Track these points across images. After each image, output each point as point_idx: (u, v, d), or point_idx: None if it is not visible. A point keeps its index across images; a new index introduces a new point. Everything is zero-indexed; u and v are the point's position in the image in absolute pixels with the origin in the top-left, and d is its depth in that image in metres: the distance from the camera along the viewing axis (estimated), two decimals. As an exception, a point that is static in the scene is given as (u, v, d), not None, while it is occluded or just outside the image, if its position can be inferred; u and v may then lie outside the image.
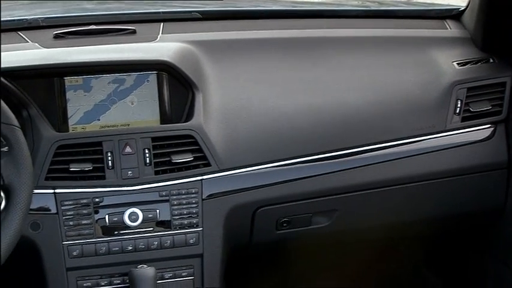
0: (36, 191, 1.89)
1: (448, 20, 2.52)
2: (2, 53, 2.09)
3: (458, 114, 2.30)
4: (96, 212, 2.01)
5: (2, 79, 1.96)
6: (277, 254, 2.49)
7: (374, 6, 2.81)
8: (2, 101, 1.76)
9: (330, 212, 2.24)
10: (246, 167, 2.10)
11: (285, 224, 2.20)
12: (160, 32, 2.27)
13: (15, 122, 1.77)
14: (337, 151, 2.18)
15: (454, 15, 2.53)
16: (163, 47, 2.18)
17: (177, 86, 2.13)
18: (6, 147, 1.79)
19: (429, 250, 2.82)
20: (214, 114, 2.12)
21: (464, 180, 2.32)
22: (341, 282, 2.69)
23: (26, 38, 2.20)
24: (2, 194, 1.91)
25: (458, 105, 2.31)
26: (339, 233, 2.31)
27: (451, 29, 2.48)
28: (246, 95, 2.18)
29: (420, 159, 2.26)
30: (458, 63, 2.36)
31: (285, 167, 2.14)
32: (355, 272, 2.74)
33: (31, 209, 1.86)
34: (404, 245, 2.76)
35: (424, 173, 2.27)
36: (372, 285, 2.81)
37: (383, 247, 2.67)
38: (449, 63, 2.35)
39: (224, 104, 2.15)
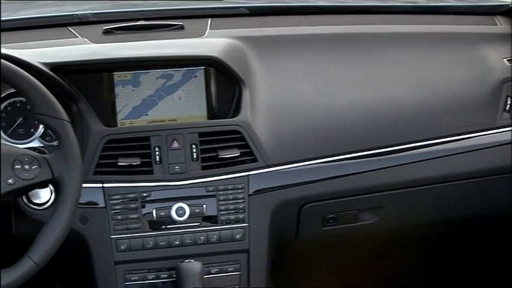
0: (85, 185, 1.90)
1: (498, 16, 2.49)
2: (53, 48, 2.13)
3: (508, 111, 2.28)
4: (144, 207, 2.02)
5: (53, 74, 1.99)
6: (322, 250, 2.48)
7: (423, 2, 2.78)
8: (52, 96, 1.78)
9: (377, 208, 2.22)
10: (292, 163, 2.10)
11: (331, 221, 2.20)
12: (208, 27, 2.28)
13: (66, 116, 1.79)
14: (385, 148, 2.17)
15: (504, 11, 2.50)
16: (211, 42, 2.18)
17: (224, 81, 2.13)
18: (57, 142, 1.81)
19: (478, 248, 2.79)
20: (261, 109, 2.12)
21: (513, 178, 2.30)
22: (385, 280, 2.68)
23: (76, 34, 2.23)
24: (52, 187, 1.95)
25: (508, 102, 2.28)
26: (386, 230, 2.30)
27: (501, 25, 2.46)
28: (293, 91, 2.18)
29: (469, 156, 2.23)
30: (508, 60, 2.33)
31: (332, 163, 2.14)
32: (398, 270, 2.72)
33: (80, 203, 1.87)
34: (451, 243, 2.73)
35: (473, 171, 2.25)
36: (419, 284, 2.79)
37: (427, 244, 2.66)
38: (499, 60, 2.33)
39: (271, 99, 2.15)
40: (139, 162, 2.02)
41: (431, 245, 2.69)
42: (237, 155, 2.05)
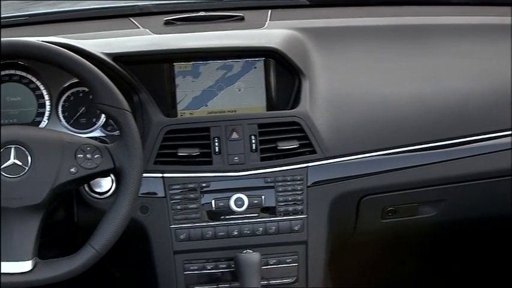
0: (145, 174, 1.91)
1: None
2: (115, 39, 2.15)
3: None
4: (203, 197, 2.03)
5: (115, 64, 2.01)
6: (381, 243, 2.47)
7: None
8: (114, 86, 1.80)
9: (437, 202, 2.20)
10: (351, 155, 2.09)
11: (390, 213, 2.18)
12: (268, 18, 2.28)
13: (127, 106, 1.81)
14: (446, 140, 2.14)
15: None
16: (271, 33, 2.19)
17: (283, 72, 2.13)
18: (118, 132, 1.83)
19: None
20: (320, 101, 2.11)
21: None
22: (445, 274, 2.66)
23: (138, 24, 2.25)
24: (113, 177, 1.98)
25: None
26: (446, 224, 2.28)
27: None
28: (353, 83, 2.17)
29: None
30: None
31: (392, 156, 2.12)
32: (458, 264, 2.70)
33: (140, 193, 1.90)
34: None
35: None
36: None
37: (488, 239, 2.62)
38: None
39: (331, 91, 2.14)
40: (198, 153, 2.03)
41: (492, 240, 2.65)
42: (295, 146, 2.05)
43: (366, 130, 2.11)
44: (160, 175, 2.02)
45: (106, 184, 1.99)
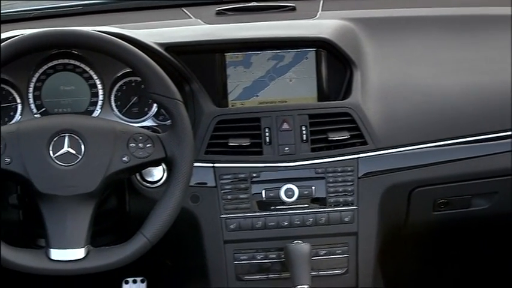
0: (196, 164, 1.91)
1: None
2: (167, 29, 2.17)
3: None
4: (253, 187, 2.03)
5: (167, 54, 2.02)
6: (432, 236, 2.45)
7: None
8: (166, 76, 1.81)
9: (490, 194, 2.17)
10: (403, 146, 2.07)
11: (442, 205, 2.16)
12: (320, 9, 2.28)
13: (179, 96, 1.81)
14: (498, 132, 2.11)
15: None
16: (323, 24, 2.18)
17: (335, 63, 2.12)
18: (170, 121, 1.84)
19: None
20: (372, 92, 2.10)
21: None
22: (497, 267, 2.63)
23: (190, 14, 2.26)
24: (165, 166, 1.99)
25: None
26: (498, 217, 2.25)
27: None
28: (405, 74, 2.15)
29: None
30: None
31: (444, 147, 2.09)
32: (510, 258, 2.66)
33: (191, 182, 1.90)
34: None
35: None
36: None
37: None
38: None
39: (383, 82, 2.13)
40: (249, 143, 2.03)
41: None
42: (346, 137, 2.04)
43: (418, 121, 2.10)
44: (211, 165, 2.03)
45: (157, 173, 2.00)
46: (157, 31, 2.13)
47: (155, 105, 2.11)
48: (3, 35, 1.97)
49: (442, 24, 2.26)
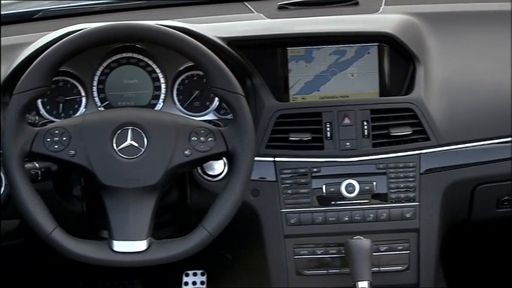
0: (257, 158, 1.91)
1: None
2: (230, 23, 2.17)
3: None
4: (314, 182, 2.03)
5: (230, 48, 2.03)
6: (495, 233, 2.41)
7: None
8: (229, 70, 1.81)
9: None
10: (466, 143, 2.05)
11: (506, 203, 2.12)
12: (383, 3, 2.26)
13: (241, 90, 1.81)
14: None
15: None
16: (386, 18, 2.16)
17: (397, 58, 2.11)
18: (231, 115, 1.84)
19: None
20: (435, 88, 2.08)
21: None
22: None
23: (252, 9, 2.27)
24: (226, 160, 2.00)
25: None
26: None
27: None
28: (469, 69, 2.13)
29: None
30: None
31: (507, 144, 2.07)
32: None
33: (252, 176, 1.91)
34: None
35: None
36: None
37: None
38: None
39: (446, 78, 2.11)
40: (310, 138, 2.03)
41: None
42: (409, 133, 2.03)
43: (481, 117, 2.07)
44: (271, 159, 2.03)
45: (218, 167, 2.01)
46: (220, 25, 2.14)
47: (217, 99, 2.13)
48: (69, 29, 2.01)
49: (506, 19, 2.22)
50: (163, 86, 2.11)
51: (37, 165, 1.85)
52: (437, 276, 2.10)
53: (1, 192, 1.93)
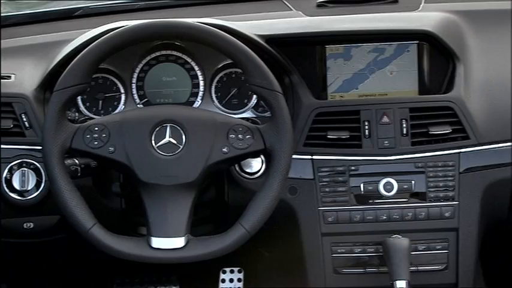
0: (294, 156, 1.91)
1: None
2: (268, 21, 2.17)
3: None
4: (352, 180, 2.03)
5: (268, 46, 2.03)
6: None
7: None
8: (267, 68, 1.81)
9: None
10: (507, 142, 2.03)
11: None
12: (423, 1, 2.24)
13: (279, 88, 1.81)
14: None
15: None
16: (426, 16, 2.15)
17: (437, 56, 2.10)
18: (269, 113, 1.84)
19: None
20: (475, 86, 2.07)
21: None
22: None
23: (290, 6, 2.27)
24: (263, 158, 2.00)
25: None
26: None
27: None
28: (509, 68, 2.10)
29: None
30: None
31: None
32: None
33: (289, 174, 1.90)
34: None
35: None
36: None
37: None
38: None
39: (486, 76, 2.09)
40: (348, 136, 2.03)
41: None
42: (448, 131, 2.01)
43: None
44: (309, 157, 2.03)
45: (256, 164, 2.02)
46: (259, 23, 2.15)
47: (255, 96, 2.13)
48: (109, 26, 2.02)
49: None
50: (201, 83, 2.12)
51: (77, 161, 1.87)
52: (476, 276, 2.08)
53: (41, 188, 1.96)
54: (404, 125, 2.02)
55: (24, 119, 1.99)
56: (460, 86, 2.04)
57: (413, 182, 2.02)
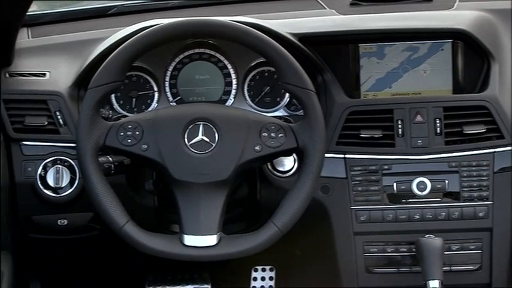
0: (327, 155, 1.91)
1: None
2: (301, 19, 2.17)
3: None
4: (384, 179, 2.02)
5: (301, 44, 2.03)
6: None
7: None
8: (300, 66, 1.81)
9: None
10: (542, 141, 2.02)
11: None
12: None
13: (312, 86, 1.81)
14: None
15: None
16: (461, 15, 2.14)
17: (471, 55, 2.08)
18: (302, 111, 1.84)
19: None
20: (510, 85, 2.05)
21: None
22: None
23: (324, 5, 2.26)
24: (296, 156, 2.00)
25: None
26: None
27: None
28: (546, 67, 2.09)
29: None
30: None
31: None
32: None
33: (322, 173, 1.90)
34: None
35: None
36: None
37: None
38: None
39: (521, 75, 2.07)
40: (381, 135, 2.02)
41: None
42: (482, 131, 2.00)
43: None
44: (342, 156, 2.03)
45: (288, 163, 2.02)
46: (292, 21, 2.14)
47: (287, 95, 2.13)
48: (143, 24, 2.03)
49: None
50: (234, 81, 2.12)
51: (110, 159, 1.88)
52: (510, 276, 2.06)
53: (75, 185, 1.97)
54: (438, 124, 2.01)
55: (59, 117, 2.00)
56: (494, 85, 2.02)
57: (446, 181, 2.01)
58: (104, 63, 1.79)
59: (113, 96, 2.11)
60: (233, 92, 2.12)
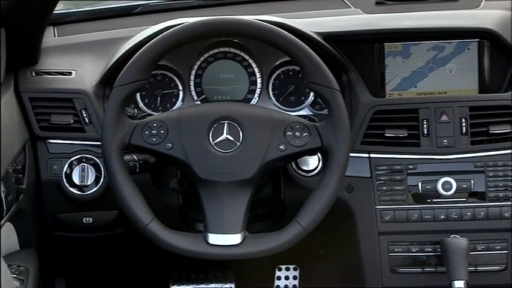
0: (351, 154, 1.90)
1: None
2: (326, 18, 2.17)
3: None
4: (409, 179, 2.01)
5: (326, 43, 2.02)
6: None
7: None
8: (325, 65, 1.80)
9: None
10: None
11: None
12: (484, -2, 2.22)
13: (337, 86, 1.80)
14: None
15: None
16: (487, 14, 2.12)
17: (498, 55, 2.07)
18: (326, 110, 1.84)
19: None
20: (536, 85, 2.04)
21: None
22: None
23: (349, 4, 2.26)
24: (320, 155, 1.99)
25: None
26: None
27: None
28: None
29: None
30: None
31: None
32: None
33: (346, 172, 1.90)
34: None
35: None
36: None
37: None
38: None
39: (548, 74, 2.06)
40: (406, 134, 2.01)
41: None
42: (508, 130, 1.99)
43: None
44: (366, 155, 2.02)
45: (313, 162, 2.01)
46: (317, 20, 2.14)
47: (312, 94, 2.12)
48: (168, 23, 2.04)
49: None
50: (259, 80, 2.12)
51: (135, 157, 1.89)
52: None
53: (100, 183, 1.98)
54: (463, 124, 2.00)
55: (84, 115, 2.01)
56: None
57: (472, 181, 2.00)
58: (129, 62, 1.79)
59: (138, 94, 2.12)
60: (258, 91, 2.12)
